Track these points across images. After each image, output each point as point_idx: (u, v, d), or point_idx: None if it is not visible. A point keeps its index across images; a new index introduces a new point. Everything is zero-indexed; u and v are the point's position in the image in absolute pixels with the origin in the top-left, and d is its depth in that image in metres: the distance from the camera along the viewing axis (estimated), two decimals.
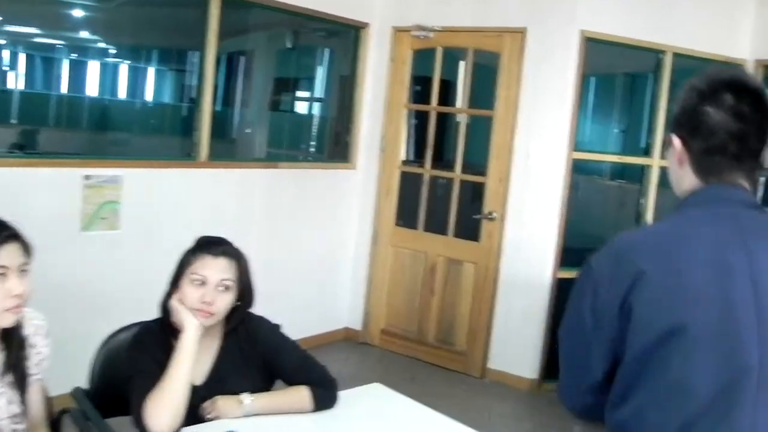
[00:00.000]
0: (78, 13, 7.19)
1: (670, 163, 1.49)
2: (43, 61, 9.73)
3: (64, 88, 9.63)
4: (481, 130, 5.06)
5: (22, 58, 9.52)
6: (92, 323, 2.98)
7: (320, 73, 6.75)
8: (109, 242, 3.96)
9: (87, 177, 3.85)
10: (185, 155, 4.45)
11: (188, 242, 4.26)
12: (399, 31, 5.22)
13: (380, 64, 5.34)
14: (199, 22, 4.32)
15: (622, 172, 6.18)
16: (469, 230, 5.02)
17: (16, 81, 9.26)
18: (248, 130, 6.32)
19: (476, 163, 5.15)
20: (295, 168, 5.07)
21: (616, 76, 6.39)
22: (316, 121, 6.60)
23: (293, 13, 4.84)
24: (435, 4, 5.08)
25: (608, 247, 1.43)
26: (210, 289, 2.06)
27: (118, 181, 3.98)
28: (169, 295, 2.11)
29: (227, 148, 5.97)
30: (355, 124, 5.38)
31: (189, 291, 2.06)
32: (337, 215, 5.36)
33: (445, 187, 5.29)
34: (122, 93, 10.01)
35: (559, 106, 4.62)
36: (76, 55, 9.71)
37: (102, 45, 9.42)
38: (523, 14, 4.70)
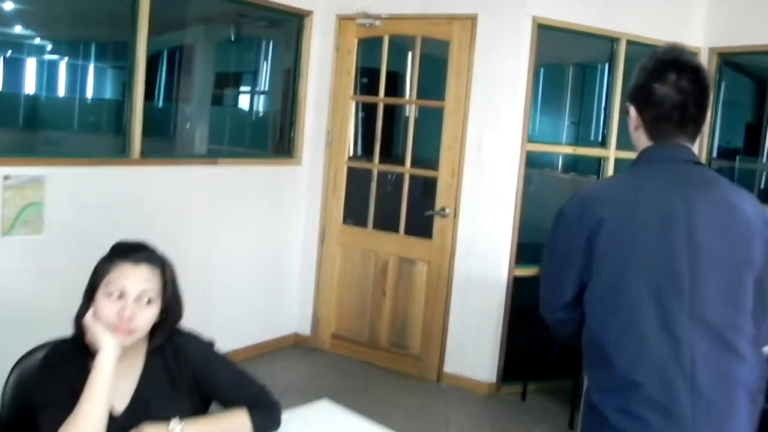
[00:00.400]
0: (8, 5, 6.78)
1: (629, 127, 1.85)
2: None
3: None
4: (431, 123, 4.84)
5: None
6: (12, 339, 2.64)
7: (263, 66, 6.44)
8: (31, 248, 3.63)
9: (6, 177, 3.51)
10: (117, 153, 4.12)
11: None
12: (343, 19, 4.96)
13: (324, 54, 5.08)
14: (129, 15, 4.01)
15: (575, 164, 6.02)
16: (421, 227, 4.79)
17: None
18: (188, 126, 5.98)
19: (427, 157, 4.93)
20: (236, 164, 4.76)
21: (566, 66, 6.25)
22: (259, 116, 6.30)
23: (233, 0, 4.56)
24: None
25: (576, 197, 1.81)
26: (129, 303, 1.77)
27: (41, 180, 3.64)
28: (82, 311, 1.82)
29: (166, 145, 5.63)
30: (300, 117, 5.11)
31: (105, 305, 1.77)
32: (282, 214, 5.08)
33: (395, 182, 5.06)
34: (56, 90, 9.52)
35: (512, 96, 4.42)
36: (5, 50, 9.24)
37: (36, 41, 8.95)
38: (474, 0, 4.50)
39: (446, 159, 4.64)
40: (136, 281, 1.79)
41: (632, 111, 1.81)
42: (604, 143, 4.86)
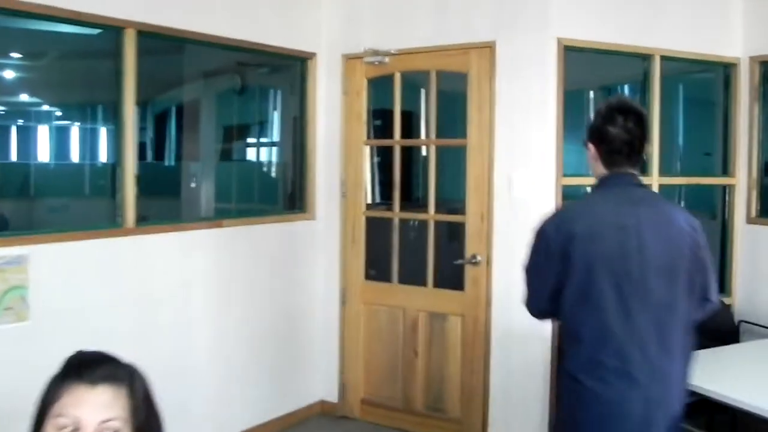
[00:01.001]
0: None
1: (588, 159, 2.39)
2: None
3: None
4: (454, 163, 4.43)
5: None
6: None
7: (270, 116, 6.07)
8: (16, 337, 3.21)
9: None
10: (109, 222, 3.73)
11: (117, 327, 3.50)
12: (350, 58, 4.59)
13: (332, 97, 4.70)
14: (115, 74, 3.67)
15: None
16: (452, 278, 4.34)
17: None
18: (192, 185, 5.61)
19: (452, 201, 4.53)
20: (244, 224, 4.36)
21: (593, 89, 5.82)
22: (268, 169, 5.92)
23: (229, 47, 4.21)
24: (388, 24, 4.48)
25: (553, 216, 2.38)
26: None
27: (24, 261, 3.25)
28: None
29: (168, 209, 5.25)
30: (310, 168, 4.72)
31: None
32: (298, 273, 4.66)
33: (418, 230, 4.63)
34: (43, 156, 9.08)
35: (541, 126, 4.00)
36: None
37: (25, 105, 8.57)
38: (490, 25, 4.10)
39: (473, 201, 4.21)
40: (94, 408, 1.36)
41: (591, 147, 2.36)
42: (644, 170, 4.40)
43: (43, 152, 9.23)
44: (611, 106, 2.31)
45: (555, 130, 3.99)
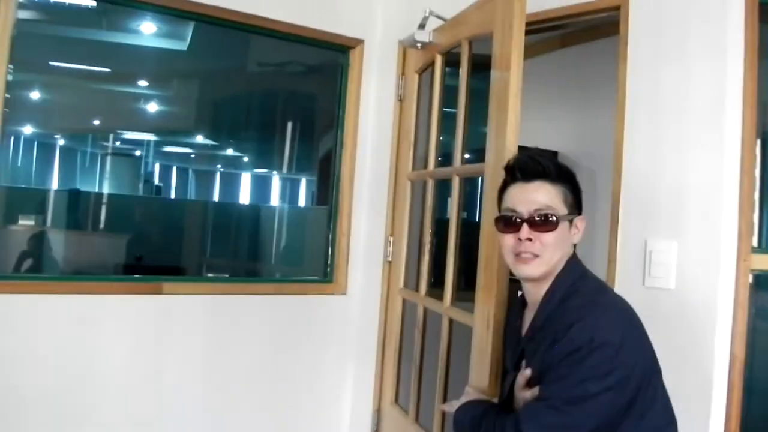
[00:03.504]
0: None
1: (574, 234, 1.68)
2: None
3: None
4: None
5: None
6: None
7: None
8: None
9: None
10: None
11: None
12: (411, 47, 2.89)
13: (383, 107, 3.03)
14: None
15: None
16: None
17: None
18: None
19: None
20: (213, 292, 2.75)
21: None
22: (279, 218, 4.30)
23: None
24: None
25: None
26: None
27: None
28: None
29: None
30: (342, 214, 3.04)
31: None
32: (313, 384, 2.96)
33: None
34: None
35: (713, 152, 2.04)
36: None
37: None
38: None
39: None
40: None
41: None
42: None
43: None
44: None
45: (740, 159, 2.01)
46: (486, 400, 1.81)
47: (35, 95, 6.47)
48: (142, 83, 7.05)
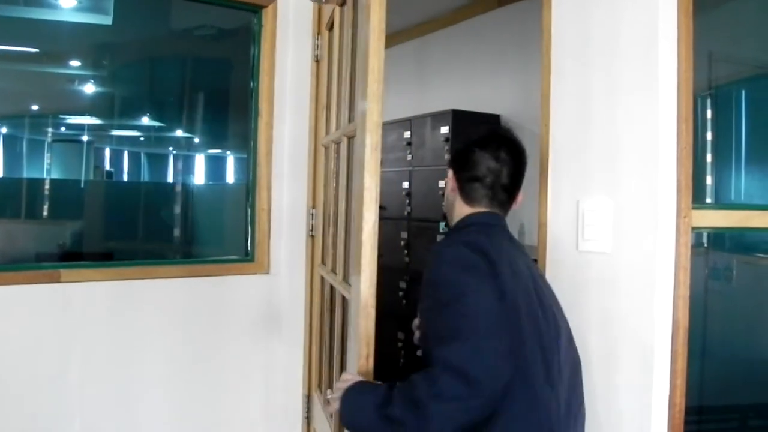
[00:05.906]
0: None
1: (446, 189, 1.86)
2: None
3: None
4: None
5: None
6: None
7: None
8: None
9: None
10: None
11: None
12: (317, 2, 2.65)
13: (300, 69, 2.79)
14: None
15: None
16: None
17: None
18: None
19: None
20: (116, 278, 2.51)
21: None
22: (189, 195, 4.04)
23: None
24: None
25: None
26: None
27: None
28: None
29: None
30: (260, 187, 2.80)
31: None
32: (239, 372, 2.74)
33: None
34: None
35: (646, 99, 1.83)
36: None
37: None
38: None
39: None
40: None
41: (450, 173, 1.83)
42: None
43: None
44: (489, 132, 1.83)
45: (676, 103, 1.81)
46: (376, 384, 1.60)
47: None
48: (75, 63, 6.72)
